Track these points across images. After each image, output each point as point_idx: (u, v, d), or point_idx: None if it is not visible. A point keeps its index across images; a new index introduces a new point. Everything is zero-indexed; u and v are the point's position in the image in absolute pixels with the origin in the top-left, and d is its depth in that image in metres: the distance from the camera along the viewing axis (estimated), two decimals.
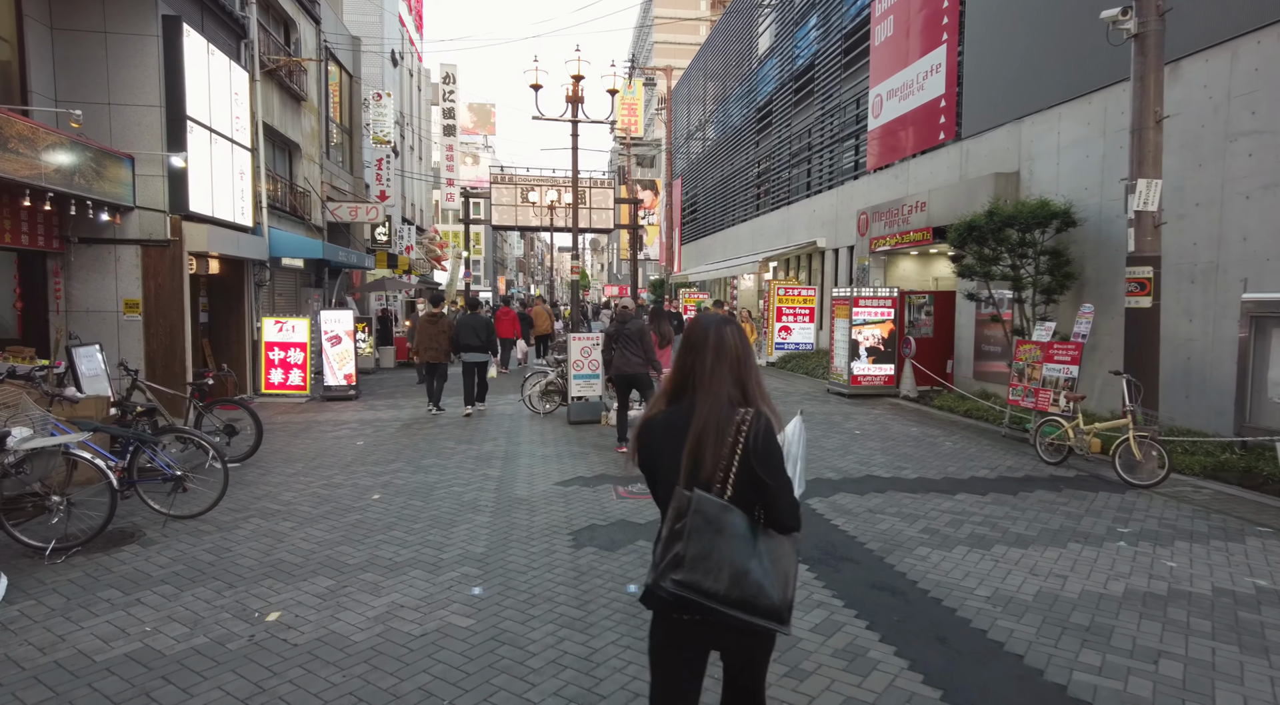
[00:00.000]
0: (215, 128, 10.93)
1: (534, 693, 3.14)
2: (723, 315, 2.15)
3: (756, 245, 25.07)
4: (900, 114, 15.40)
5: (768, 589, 1.84)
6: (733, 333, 2.05)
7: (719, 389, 1.96)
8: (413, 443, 8.72)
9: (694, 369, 2.00)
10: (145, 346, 10.06)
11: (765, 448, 1.90)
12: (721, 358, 2.00)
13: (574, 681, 3.22)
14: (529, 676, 3.26)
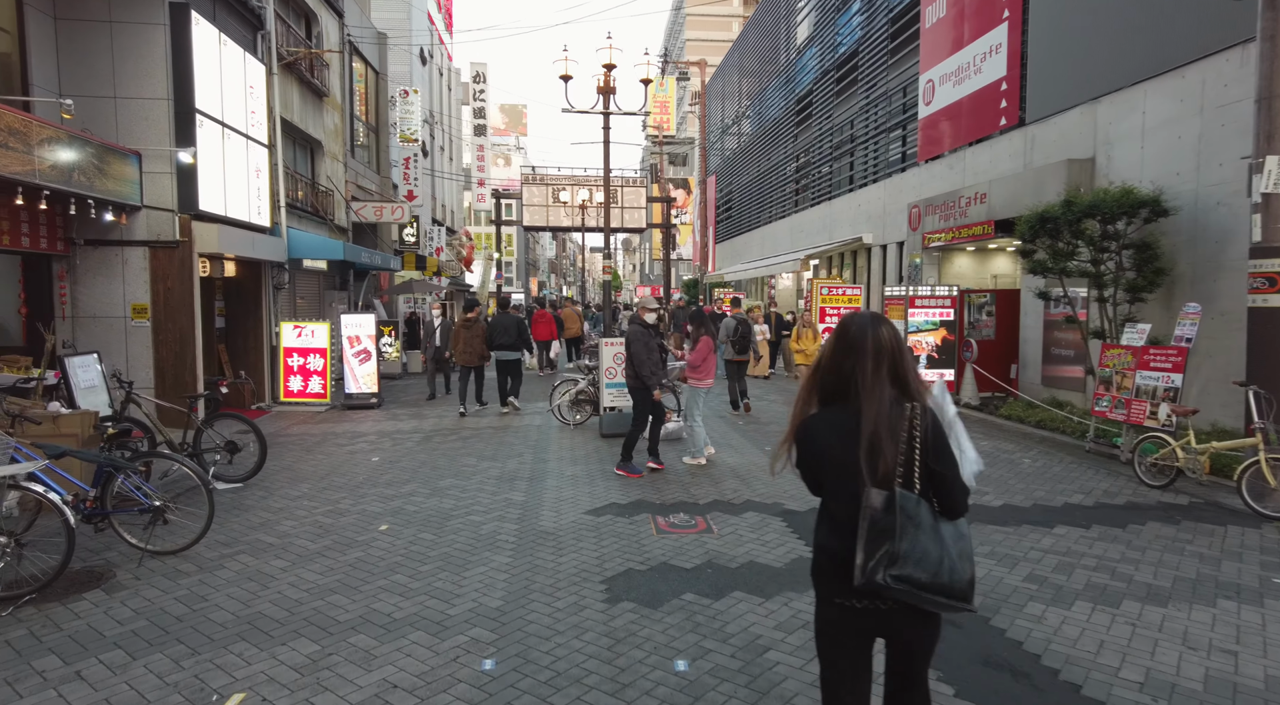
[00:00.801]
0: (228, 122, 10.36)
1: None
2: (874, 313, 2.18)
3: (796, 243, 24.05)
4: (955, 100, 14.33)
5: (958, 572, 1.96)
6: (888, 331, 2.10)
7: (882, 389, 2.03)
8: (431, 459, 8.00)
9: (854, 371, 2.06)
10: (154, 354, 9.51)
11: (937, 441, 2.02)
12: (881, 358, 2.06)
13: None
14: None
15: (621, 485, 6.79)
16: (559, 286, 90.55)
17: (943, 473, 2.01)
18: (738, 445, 8.60)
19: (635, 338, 7.22)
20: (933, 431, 2.00)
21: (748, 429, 9.80)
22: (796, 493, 6.47)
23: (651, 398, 7.20)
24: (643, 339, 7.18)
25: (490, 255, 39.58)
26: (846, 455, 2.00)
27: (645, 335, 7.25)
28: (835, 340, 2.14)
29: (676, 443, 8.76)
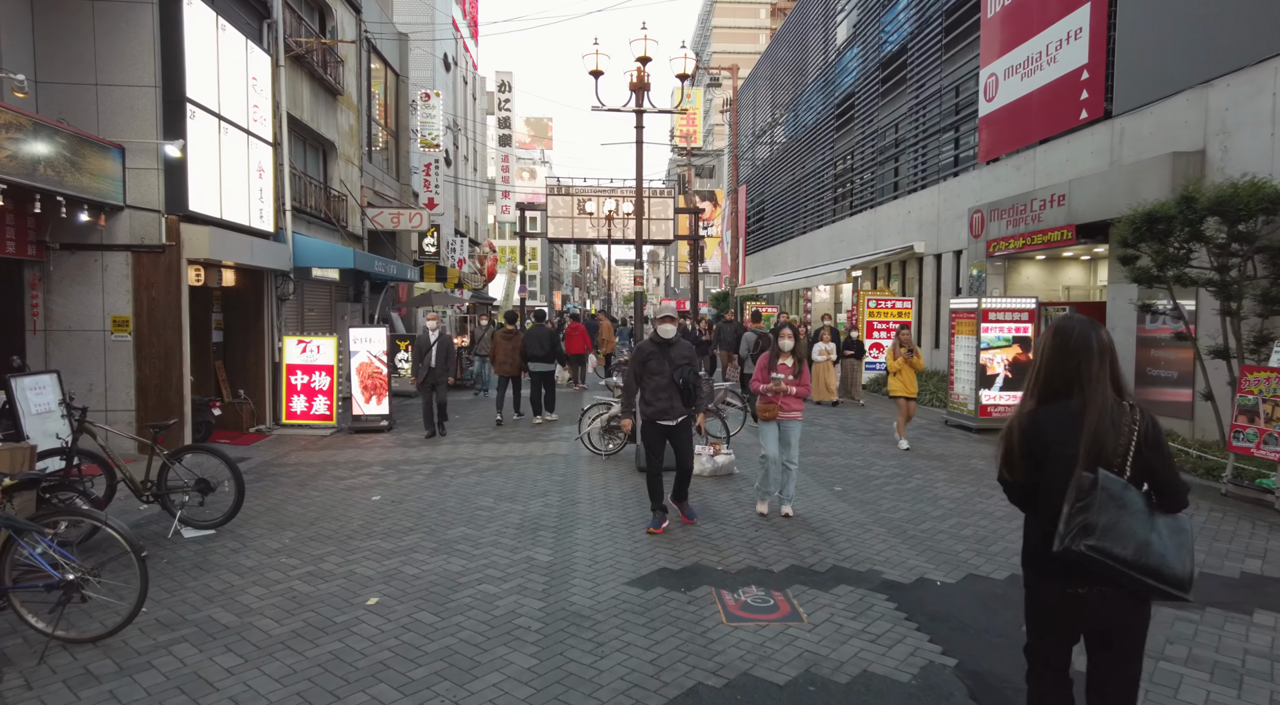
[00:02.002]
0: (226, 116, 9.36)
1: None
2: (1088, 318, 2.32)
3: (836, 253, 22.72)
4: (1023, 94, 13.00)
5: (1170, 560, 2.09)
6: (1105, 335, 2.27)
7: (1104, 386, 2.20)
8: (441, 498, 6.80)
9: (1078, 370, 2.22)
10: (136, 371, 8.46)
11: (1156, 437, 2.18)
12: (1103, 358, 2.22)
13: None
14: None
15: (670, 539, 5.54)
16: (582, 300, 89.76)
17: (1159, 466, 2.17)
18: (800, 486, 7.31)
19: (649, 355, 5.76)
20: (1153, 430, 2.18)
21: (805, 463, 8.50)
22: (891, 555, 5.17)
23: (684, 428, 5.80)
24: (655, 356, 5.73)
25: (514, 268, 38.68)
26: (1068, 448, 2.18)
27: (657, 353, 5.71)
28: (1056, 343, 2.28)
29: (727, 480, 7.48)
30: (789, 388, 5.86)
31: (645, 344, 5.85)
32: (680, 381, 5.61)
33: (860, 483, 7.39)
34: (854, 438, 10.12)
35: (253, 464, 8.42)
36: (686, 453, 5.83)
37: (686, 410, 5.72)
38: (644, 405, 5.74)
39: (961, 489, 7.15)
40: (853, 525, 5.90)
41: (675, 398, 5.63)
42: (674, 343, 5.72)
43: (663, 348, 5.69)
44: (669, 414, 5.66)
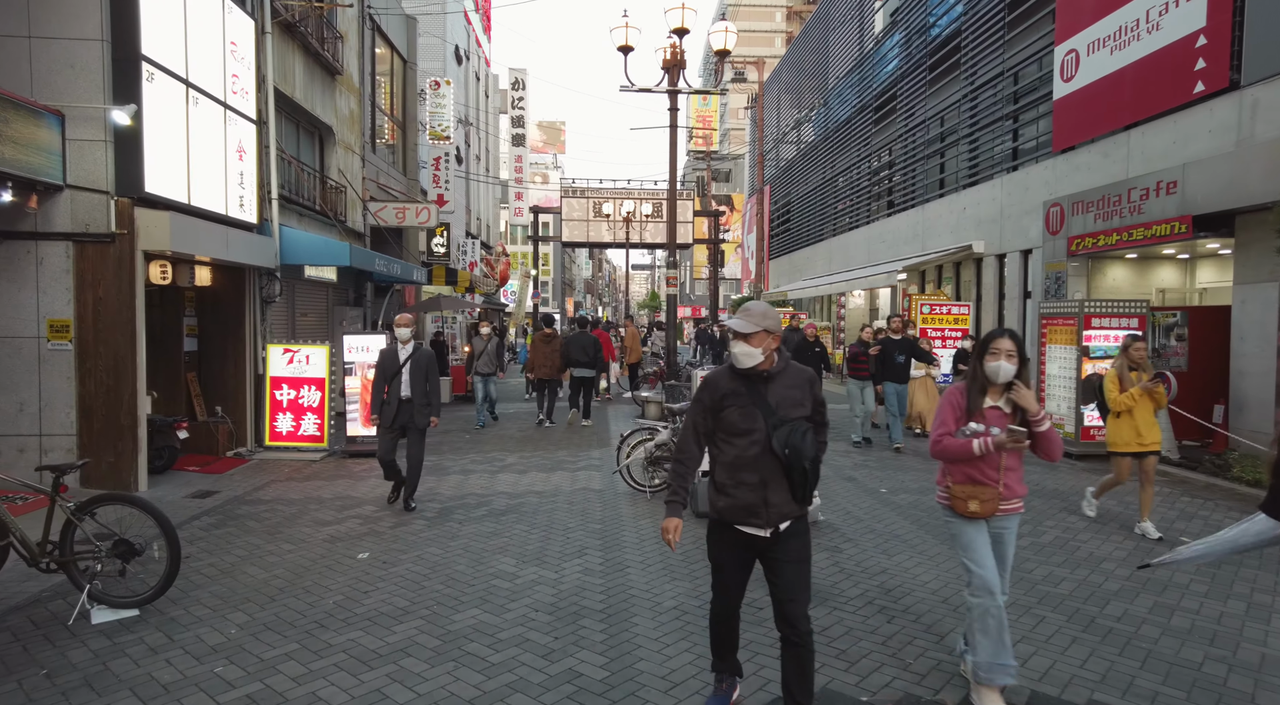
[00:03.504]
0: (196, 83, 7.88)
1: None
2: None
3: (876, 255, 21.09)
4: (1114, 70, 11.37)
5: None
6: None
7: None
8: (447, 558, 5.23)
9: None
10: (78, 387, 6.95)
11: None
12: None
13: None
14: None
15: (775, 644, 3.95)
16: (594, 307, 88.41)
17: None
18: (881, 534, 5.69)
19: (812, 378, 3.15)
20: None
21: (876, 502, 6.89)
22: (1105, 671, 3.55)
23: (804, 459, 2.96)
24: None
25: (528, 273, 37.30)
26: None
27: (742, 394, 3.01)
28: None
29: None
30: (1019, 441, 3.13)
31: (719, 377, 3.04)
32: (786, 451, 2.82)
33: None
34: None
35: (219, 501, 6.89)
36: (798, 605, 2.90)
37: (798, 509, 2.95)
38: (714, 492, 3.01)
39: (1115, 544, 5.51)
40: (1011, 607, 4.29)
41: (776, 483, 2.88)
42: (773, 376, 2.96)
43: (752, 385, 2.95)
44: (761, 515, 2.88)
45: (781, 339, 3.11)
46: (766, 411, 2.89)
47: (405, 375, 6.49)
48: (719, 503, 2.99)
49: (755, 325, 2.90)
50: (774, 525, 2.91)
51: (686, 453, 3.06)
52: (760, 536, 2.93)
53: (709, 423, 3.00)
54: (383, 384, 6.54)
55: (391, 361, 6.55)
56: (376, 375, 6.60)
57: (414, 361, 6.55)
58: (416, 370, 6.51)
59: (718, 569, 3.13)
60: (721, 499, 2.97)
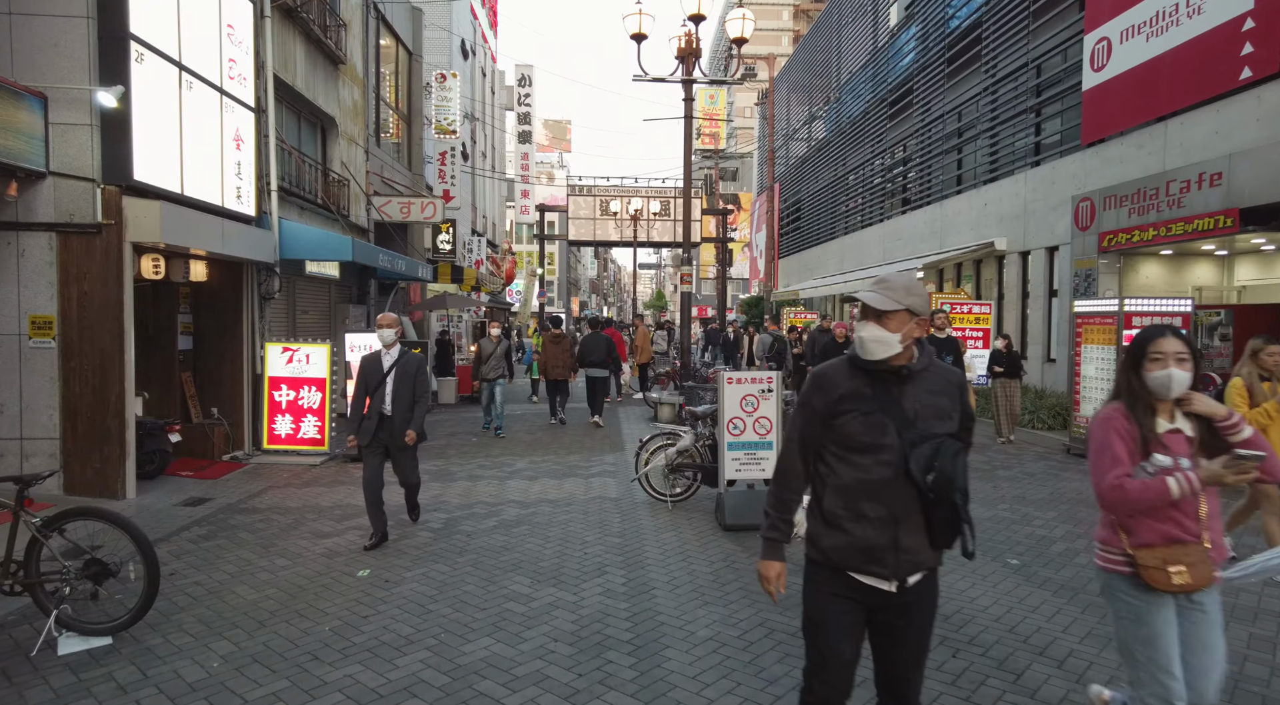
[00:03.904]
0: (190, 66, 7.45)
1: None
2: None
3: (891, 253, 20.60)
4: (1151, 57, 10.88)
5: None
6: None
7: None
8: (455, 576, 4.79)
9: None
10: (62, 388, 6.52)
11: None
12: None
13: None
14: None
15: None
16: (599, 306, 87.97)
17: None
18: None
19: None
20: None
21: None
22: None
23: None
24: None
25: (534, 271, 36.93)
26: None
27: (868, 398, 2.26)
28: None
29: None
30: (1245, 472, 2.25)
31: (835, 373, 2.28)
32: (930, 478, 2.10)
33: (1038, 553, 5.30)
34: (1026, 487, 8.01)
35: (211, 509, 6.46)
36: (915, 685, 2.28)
37: (935, 558, 2.22)
38: (820, 525, 2.25)
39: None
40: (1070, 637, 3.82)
41: (912, 520, 2.16)
42: (912, 374, 2.20)
43: (882, 386, 2.21)
44: (887, 562, 2.16)
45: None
46: (901, 422, 2.13)
47: (389, 386, 5.43)
48: (826, 539, 2.19)
49: (895, 302, 2.12)
50: (903, 577, 2.13)
51: (789, 474, 2.30)
52: (882, 590, 2.15)
53: (819, 433, 2.22)
54: (364, 396, 5.50)
55: (374, 370, 5.49)
56: (357, 386, 5.58)
57: (400, 369, 5.47)
58: (402, 380, 5.45)
59: (817, 631, 2.24)
60: (832, 535, 2.18)
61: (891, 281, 2.21)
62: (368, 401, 5.47)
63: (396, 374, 5.46)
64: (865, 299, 2.19)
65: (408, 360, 5.54)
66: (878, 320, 2.15)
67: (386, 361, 5.51)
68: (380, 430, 5.44)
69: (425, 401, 5.58)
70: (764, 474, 5.84)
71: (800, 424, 2.27)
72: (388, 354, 5.54)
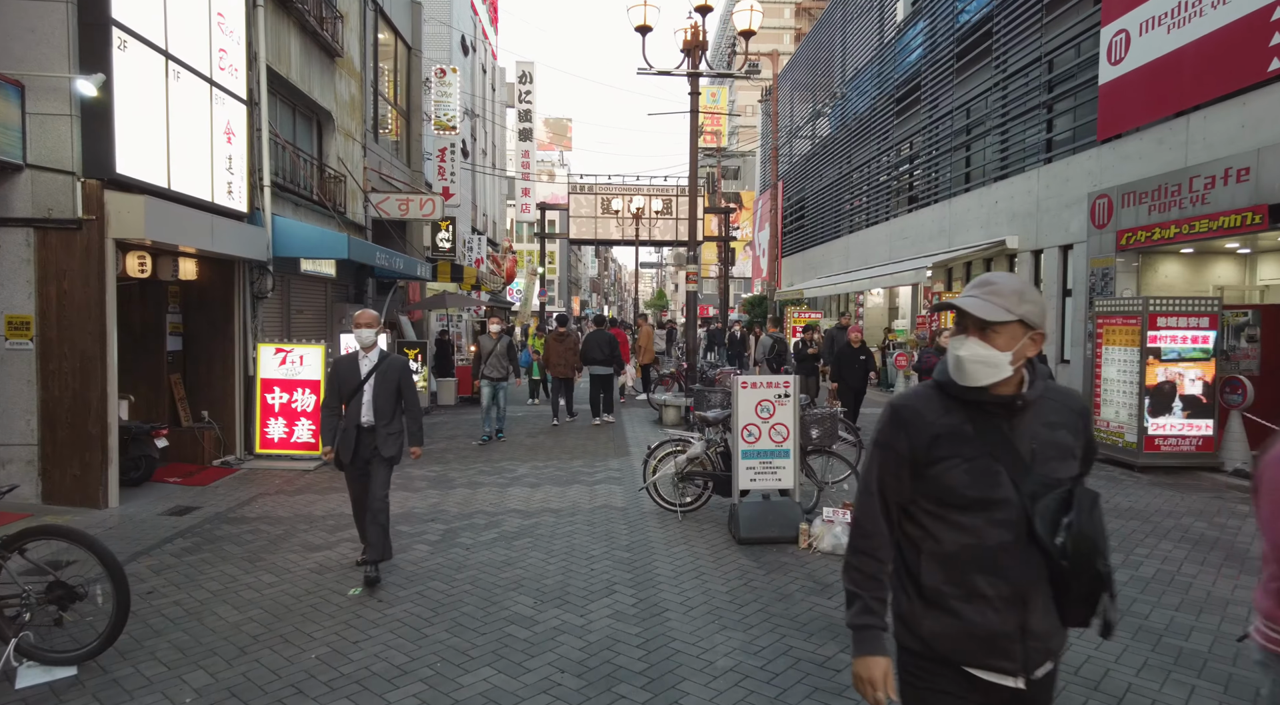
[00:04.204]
0: (177, 55, 7.13)
1: None
2: None
3: (898, 252, 20.28)
4: (1172, 49, 10.56)
5: None
6: None
7: None
8: (453, 594, 4.47)
9: None
10: (40, 391, 6.21)
11: None
12: None
13: None
14: None
15: None
16: (600, 306, 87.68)
17: None
18: None
19: None
20: None
21: None
22: None
23: None
24: None
25: (535, 270, 36.64)
26: None
27: (972, 438, 1.72)
28: None
29: None
30: None
31: (923, 403, 1.74)
32: (1063, 542, 1.60)
33: None
34: None
35: (198, 519, 6.15)
36: None
37: (1065, 641, 1.74)
38: (919, 606, 1.72)
39: (1230, 579, 4.71)
40: (1144, 670, 3.51)
41: (1040, 596, 1.65)
42: (1026, 404, 1.68)
43: (989, 421, 1.68)
44: (1013, 654, 1.64)
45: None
46: (1016, 468, 1.63)
47: (367, 394, 4.78)
48: (928, 623, 1.69)
49: (1006, 310, 1.63)
50: (1031, 671, 1.67)
51: (873, 538, 1.76)
52: (1005, 687, 1.66)
53: (906, 486, 1.71)
54: (337, 404, 4.84)
55: (350, 374, 4.82)
56: (328, 393, 4.91)
57: (380, 375, 4.80)
58: (383, 386, 4.79)
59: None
60: (935, 618, 1.68)
61: (999, 284, 1.68)
62: (343, 409, 4.84)
63: (377, 380, 4.80)
64: (966, 307, 1.66)
65: (389, 364, 4.86)
66: (981, 334, 1.64)
67: (365, 365, 4.84)
68: (360, 444, 4.79)
69: (418, 410, 5.03)
70: (780, 484, 5.53)
71: (878, 473, 1.75)
72: (366, 357, 4.86)
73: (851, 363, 9.80)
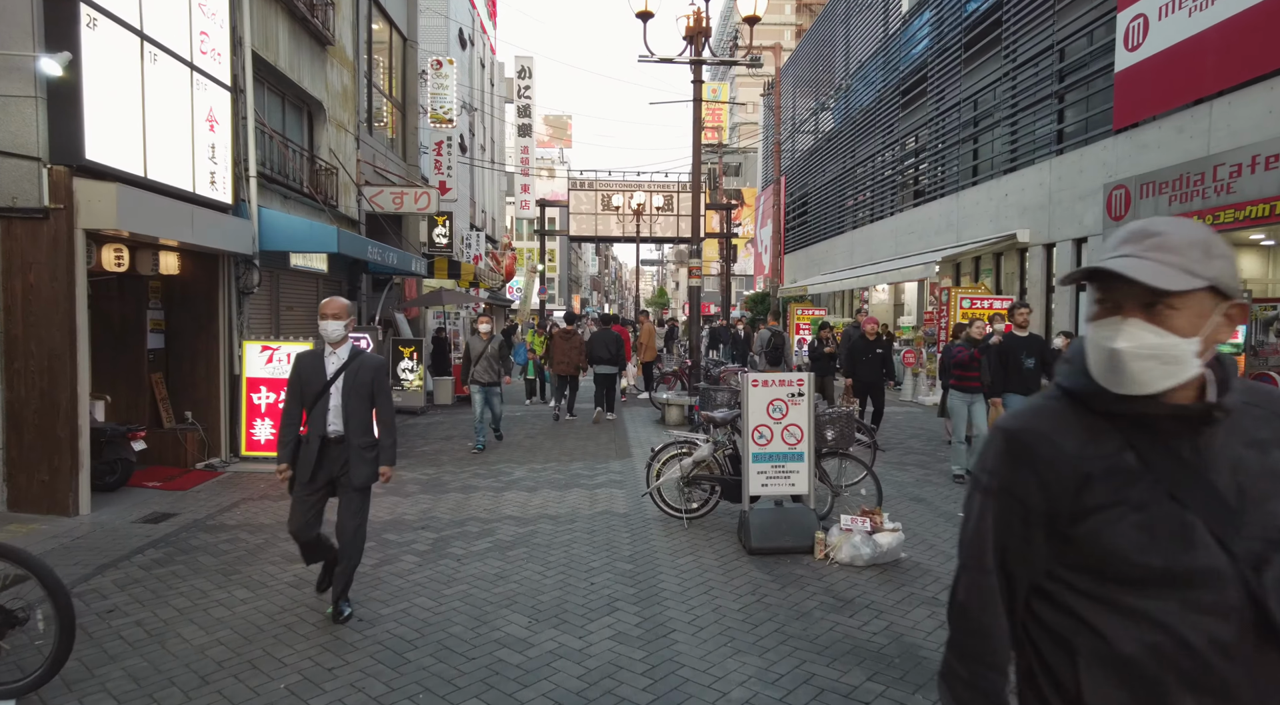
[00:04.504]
0: (153, 36, 6.76)
1: None
2: None
3: (904, 246, 19.91)
4: (1194, 33, 10.17)
5: None
6: None
7: None
8: (440, 613, 4.11)
9: None
10: (4, 391, 5.85)
11: None
12: None
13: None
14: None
15: None
16: (600, 304, 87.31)
17: None
18: None
19: None
20: None
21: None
22: None
23: None
24: None
25: (534, 267, 36.29)
26: None
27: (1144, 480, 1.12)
28: None
29: (893, 572, 4.71)
30: None
31: (1052, 420, 1.16)
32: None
33: None
34: None
35: (174, 527, 5.78)
36: None
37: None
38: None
39: None
40: None
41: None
42: (1219, 416, 1.08)
43: (1165, 445, 1.09)
44: None
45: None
46: (1220, 517, 1.06)
47: (334, 398, 3.96)
48: None
49: (1189, 273, 1.07)
50: None
51: (990, 638, 1.18)
52: None
53: (1040, 552, 1.14)
54: (298, 411, 4.05)
55: (313, 375, 3.99)
56: (288, 397, 4.11)
57: (350, 375, 3.97)
58: (354, 389, 3.96)
59: None
60: None
61: (1169, 234, 1.10)
62: (304, 417, 4.02)
63: (346, 382, 3.95)
64: (1125, 270, 1.08)
65: (361, 363, 4.02)
66: (1148, 314, 1.09)
67: (332, 364, 3.99)
68: (324, 459, 3.94)
69: (391, 421, 4.10)
70: (794, 489, 5.16)
71: (995, 536, 1.17)
72: (334, 354, 4.01)
73: (864, 360, 9.30)
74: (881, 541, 4.72)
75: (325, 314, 4.02)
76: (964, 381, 7.19)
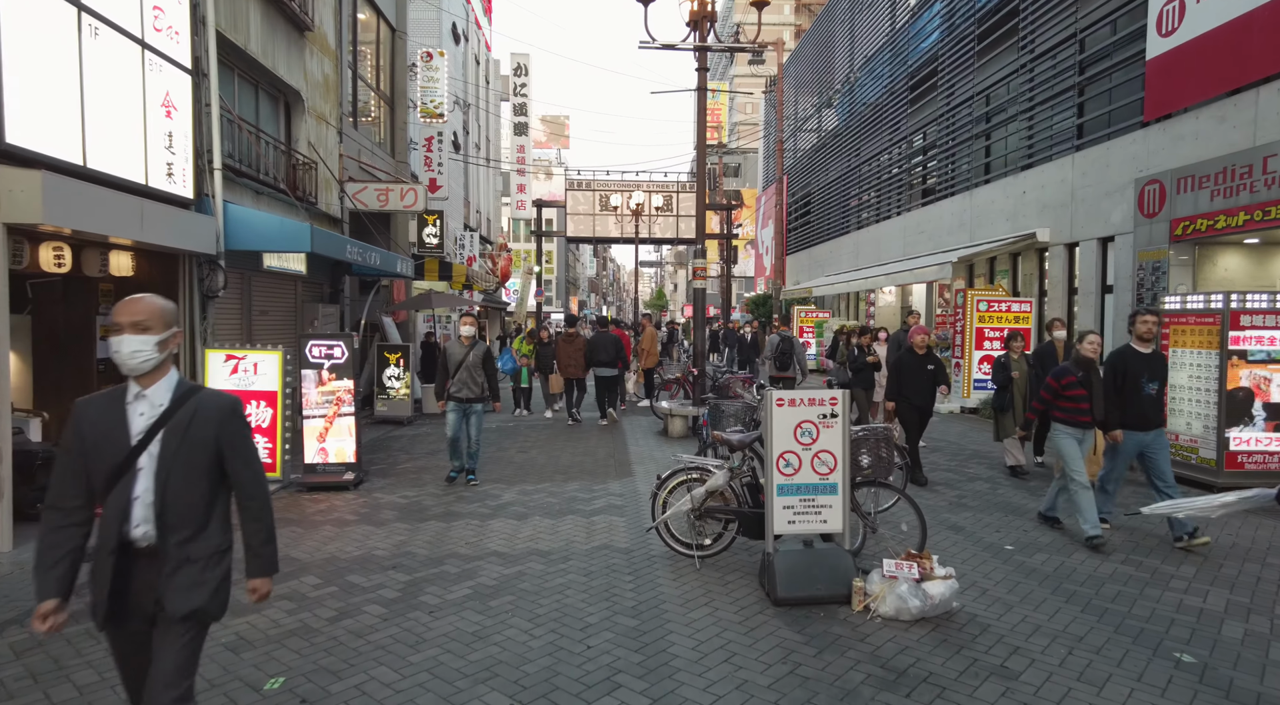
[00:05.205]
0: (93, 7, 6.01)
1: None
2: None
3: (914, 246, 19.19)
4: (1236, 15, 9.45)
5: None
6: None
7: None
8: (405, 689, 3.35)
9: None
10: None
11: None
12: None
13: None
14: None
15: None
16: (598, 306, 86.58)
17: None
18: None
19: None
20: None
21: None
22: None
23: None
24: None
25: (531, 269, 35.57)
26: None
27: None
28: None
29: (946, 629, 3.95)
30: None
31: None
32: None
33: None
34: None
35: None
36: None
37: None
38: None
39: None
40: None
41: None
42: None
43: None
44: None
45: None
46: None
47: (143, 477, 2.25)
48: None
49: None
50: None
51: None
52: None
53: None
54: (75, 496, 2.25)
55: (104, 436, 2.25)
56: (58, 475, 2.28)
57: (173, 433, 2.28)
58: (181, 455, 2.28)
59: None
60: None
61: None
62: (98, 508, 2.28)
63: (167, 445, 2.26)
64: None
65: (199, 410, 2.31)
66: None
67: (139, 414, 2.27)
68: (131, 587, 2.28)
69: (264, 499, 2.46)
70: (825, 526, 4.41)
71: None
72: (143, 397, 2.28)
73: (916, 374, 7.52)
74: (932, 591, 3.96)
75: (120, 322, 2.25)
76: (1076, 414, 5.66)
